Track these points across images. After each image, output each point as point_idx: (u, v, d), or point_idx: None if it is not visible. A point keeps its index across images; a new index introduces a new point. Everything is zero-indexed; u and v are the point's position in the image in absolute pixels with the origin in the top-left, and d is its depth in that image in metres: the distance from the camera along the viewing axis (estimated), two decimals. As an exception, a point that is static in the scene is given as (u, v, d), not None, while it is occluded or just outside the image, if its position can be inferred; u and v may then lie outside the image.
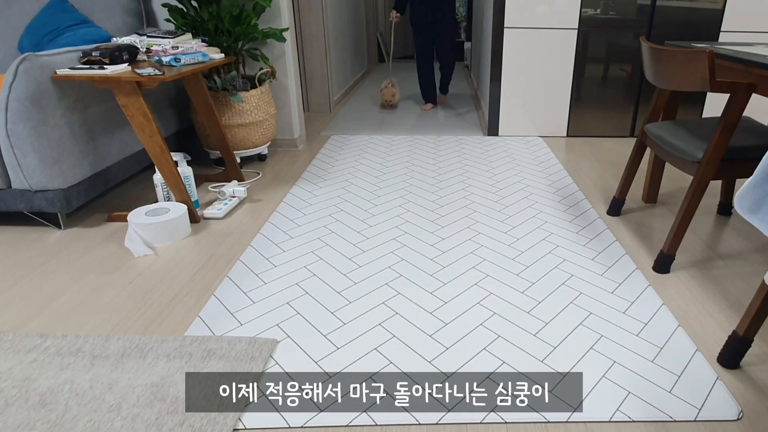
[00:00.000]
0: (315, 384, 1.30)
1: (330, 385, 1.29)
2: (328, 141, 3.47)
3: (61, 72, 1.95)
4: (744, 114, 1.67)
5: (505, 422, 1.18)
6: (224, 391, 1.25)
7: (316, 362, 1.38)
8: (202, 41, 2.43)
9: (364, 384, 1.30)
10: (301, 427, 1.18)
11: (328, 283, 1.76)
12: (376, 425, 1.18)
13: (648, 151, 2.16)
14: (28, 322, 1.56)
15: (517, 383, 1.29)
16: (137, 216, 2.05)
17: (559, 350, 1.41)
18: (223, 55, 2.45)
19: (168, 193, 2.25)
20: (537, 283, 1.75)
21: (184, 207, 2.12)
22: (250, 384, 1.28)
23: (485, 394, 1.26)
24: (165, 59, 2.14)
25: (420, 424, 1.18)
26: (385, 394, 1.26)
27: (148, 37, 2.27)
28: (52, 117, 1.97)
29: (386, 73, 4.87)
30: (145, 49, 2.26)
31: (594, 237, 2.07)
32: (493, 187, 2.61)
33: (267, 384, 1.30)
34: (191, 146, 3.31)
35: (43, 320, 1.57)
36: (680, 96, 2.17)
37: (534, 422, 1.18)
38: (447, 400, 1.24)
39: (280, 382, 1.30)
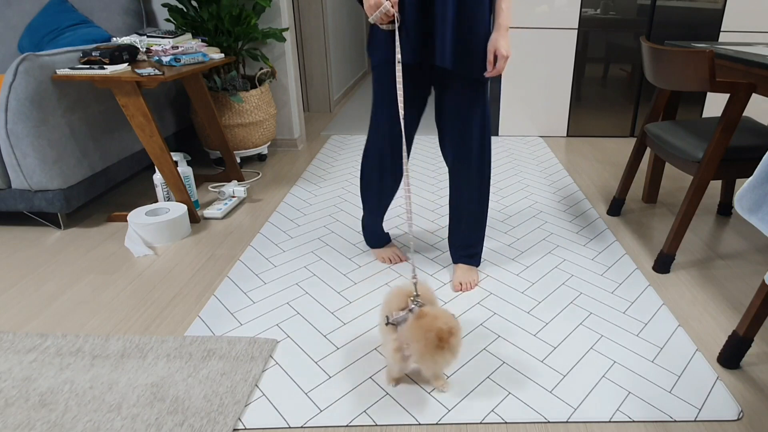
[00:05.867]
0: (315, 384, 1.30)
1: (330, 385, 1.29)
2: (328, 141, 3.47)
3: (61, 72, 1.95)
4: (744, 114, 1.67)
5: (505, 422, 1.18)
6: (224, 390, 1.25)
7: (316, 362, 1.38)
8: (202, 41, 2.43)
9: (364, 384, 1.30)
10: (301, 427, 1.18)
11: (328, 283, 1.76)
12: (376, 425, 1.18)
13: (648, 151, 2.16)
14: (28, 322, 1.56)
15: (518, 383, 1.29)
16: (137, 216, 2.05)
17: (559, 350, 1.41)
18: (223, 55, 2.45)
19: (168, 193, 2.25)
20: (537, 283, 1.74)
21: (184, 207, 2.12)
22: (250, 384, 1.28)
23: (485, 394, 1.26)
24: (165, 59, 2.14)
25: (420, 424, 1.18)
26: (385, 394, 1.26)
27: (148, 37, 2.27)
28: (52, 117, 1.97)
29: None
30: (145, 49, 2.26)
31: (594, 237, 2.07)
32: (493, 187, 2.61)
33: (267, 384, 1.30)
34: (191, 146, 3.32)
35: (43, 320, 1.57)
36: (680, 96, 2.17)
37: (534, 422, 1.18)
38: (447, 400, 1.24)
39: (280, 382, 1.31)
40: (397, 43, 1.41)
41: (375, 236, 1.90)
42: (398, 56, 1.40)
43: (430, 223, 2.19)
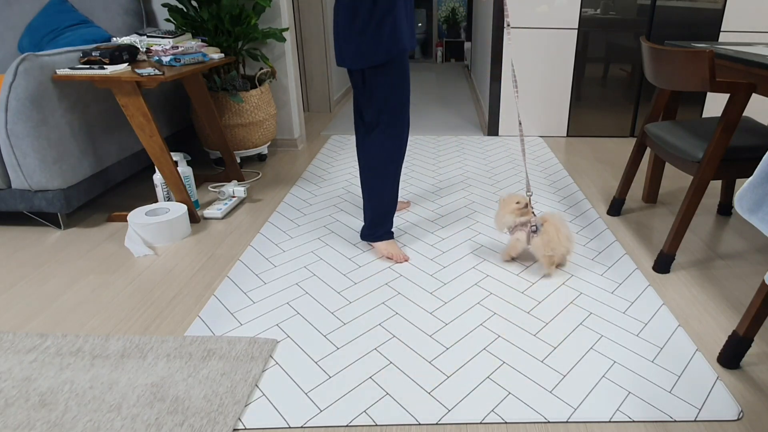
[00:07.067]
0: (315, 384, 1.30)
1: (330, 385, 1.30)
2: (328, 141, 3.47)
3: (61, 72, 1.95)
4: (744, 114, 1.67)
5: (505, 422, 1.18)
6: (224, 390, 1.25)
7: (316, 362, 1.38)
8: (202, 41, 2.43)
9: (364, 384, 1.30)
10: (301, 427, 1.18)
11: (328, 283, 1.76)
12: (376, 425, 1.18)
13: (648, 151, 2.16)
14: (28, 322, 1.56)
15: (518, 383, 1.29)
16: (137, 216, 2.05)
17: (559, 350, 1.41)
18: (223, 55, 2.45)
19: (168, 193, 2.25)
20: (537, 283, 1.74)
21: (184, 207, 2.12)
22: (250, 384, 1.28)
23: (485, 394, 1.26)
24: (165, 59, 2.14)
25: (420, 424, 1.18)
26: (385, 394, 1.26)
27: (148, 37, 2.27)
28: (52, 117, 1.97)
29: None
30: (145, 49, 2.26)
31: (594, 237, 2.07)
32: (493, 187, 2.61)
33: (267, 384, 1.30)
34: (191, 146, 3.32)
35: (43, 320, 1.57)
36: (680, 96, 2.17)
37: (534, 422, 1.18)
38: (447, 400, 1.24)
39: (280, 382, 1.31)
40: (507, 7, 1.80)
41: (389, 225, 1.94)
42: (507, 19, 1.85)
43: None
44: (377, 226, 1.92)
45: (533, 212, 1.81)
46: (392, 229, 1.96)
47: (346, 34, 1.67)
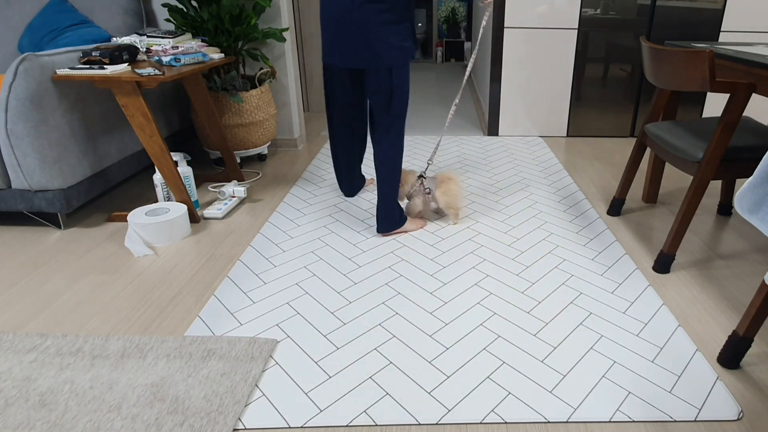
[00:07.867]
0: (315, 384, 1.30)
1: (330, 385, 1.30)
2: (328, 141, 3.47)
3: (61, 72, 1.95)
4: (744, 114, 1.67)
5: (505, 422, 1.18)
6: (224, 390, 1.25)
7: (316, 362, 1.38)
8: (202, 41, 2.43)
9: (364, 384, 1.30)
10: (301, 427, 1.18)
11: (328, 283, 1.76)
12: (376, 425, 1.18)
13: (648, 151, 2.16)
14: (28, 322, 1.56)
15: (518, 383, 1.29)
16: (137, 216, 2.05)
17: (559, 350, 1.41)
18: (223, 55, 2.44)
19: (168, 193, 2.25)
20: (537, 283, 1.75)
21: (184, 207, 2.12)
22: (250, 384, 1.28)
23: (485, 394, 1.26)
24: (165, 59, 2.14)
25: (420, 424, 1.18)
26: (385, 394, 1.26)
27: (148, 37, 2.27)
28: (52, 117, 1.97)
29: None
30: (145, 49, 2.26)
31: (594, 237, 2.07)
32: (493, 187, 2.61)
33: (267, 384, 1.30)
34: (191, 146, 3.32)
35: (43, 320, 1.57)
36: (680, 96, 2.17)
37: (534, 422, 1.18)
38: (447, 400, 1.24)
39: (280, 382, 1.31)
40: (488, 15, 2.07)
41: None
42: (485, 21, 2.04)
43: (428, 223, 2.20)
44: (400, 214, 2.08)
45: (422, 176, 2.13)
46: None
47: (389, 33, 1.78)
